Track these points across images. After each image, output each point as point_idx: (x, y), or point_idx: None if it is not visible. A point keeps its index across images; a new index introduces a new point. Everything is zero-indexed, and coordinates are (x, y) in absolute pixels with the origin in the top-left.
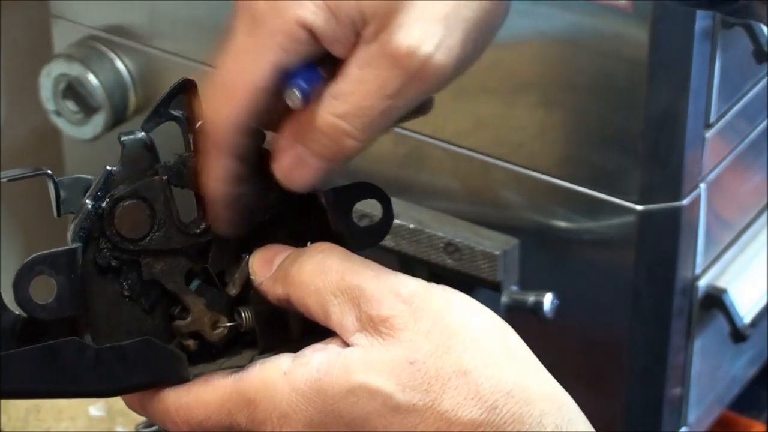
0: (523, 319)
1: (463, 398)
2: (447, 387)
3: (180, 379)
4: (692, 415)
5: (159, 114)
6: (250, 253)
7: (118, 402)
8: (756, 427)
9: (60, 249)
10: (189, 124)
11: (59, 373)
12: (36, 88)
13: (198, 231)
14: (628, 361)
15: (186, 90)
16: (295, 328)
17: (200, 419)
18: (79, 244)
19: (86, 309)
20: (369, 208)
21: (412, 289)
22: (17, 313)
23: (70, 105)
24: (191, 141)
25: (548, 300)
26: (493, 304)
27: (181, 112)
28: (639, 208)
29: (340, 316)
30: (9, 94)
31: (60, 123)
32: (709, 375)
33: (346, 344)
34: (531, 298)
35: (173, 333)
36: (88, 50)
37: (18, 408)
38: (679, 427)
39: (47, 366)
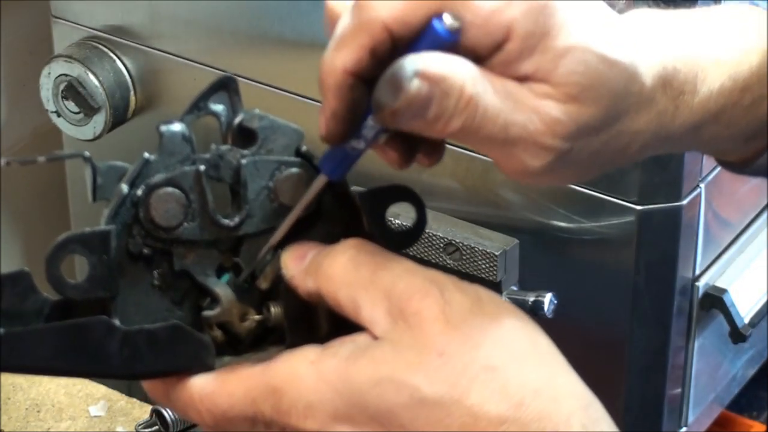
0: None
1: (490, 393)
2: (474, 382)
3: (205, 367)
4: (692, 415)
5: (198, 108)
6: (282, 249)
7: (118, 402)
8: (756, 427)
9: (94, 229)
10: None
11: (86, 352)
12: (36, 88)
13: (231, 224)
14: (627, 361)
15: (226, 86)
16: (323, 326)
17: (224, 408)
18: (113, 226)
19: (117, 294)
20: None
21: (444, 284)
22: (45, 295)
23: (71, 105)
24: (228, 136)
25: (548, 300)
26: None
27: (220, 107)
28: (639, 208)
29: (371, 310)
30: (9, 94)
31: (60, 123)
32: (708, 375)
33: (375, 338)
34: (531, 298)
35: (201, 326)
36: (88, 50)
37: (18, 408)
38: (679, 427)
39: (75, 344)
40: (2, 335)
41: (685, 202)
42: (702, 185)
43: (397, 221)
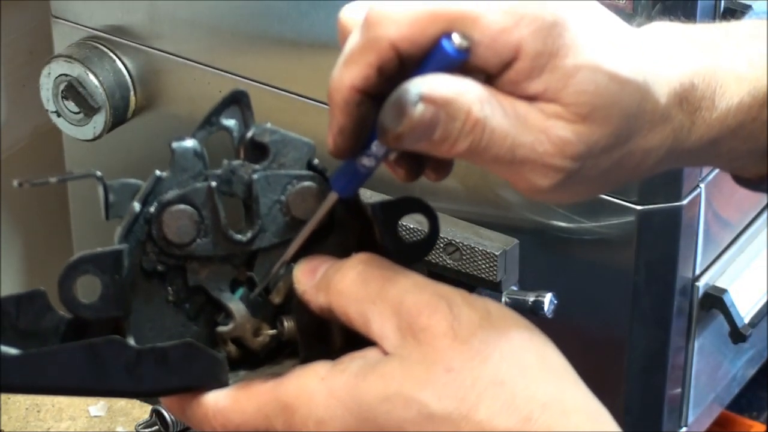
0: None
1: (499, 408)
2: (483, 396)
3: (219, 383)
4: (692, 415)
5: (210, 123)
6: (295, 263)
7: (118, 402)
8: (756, 427)
9: (106, 249)
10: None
11: (99, 372)
12: (36, 88)
13: (244, 239)
14: (628, 361)
15: (238, 101)
16: (336, 340)
17: (237, 423)
18: (126, 245)
19: (130, 312)
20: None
21: (452, 299)
22: (61, 313)
23: (71, 105)
24: (241, 150)
25: (548, 300)
26: None
27: (232, 122)
28: (639, 208)
29: (380, 325)
30: (9, 94)
31: (60, 123)
32: (708, 375)
33: (385, 353)
34: (531, 298)
35: (216, 341)
36: (88, 50)
37: (18, 407)
38: (679, 427)
39: (87, 364)
40: (16, 357)
41: (685, 202)
42: (702, 185)
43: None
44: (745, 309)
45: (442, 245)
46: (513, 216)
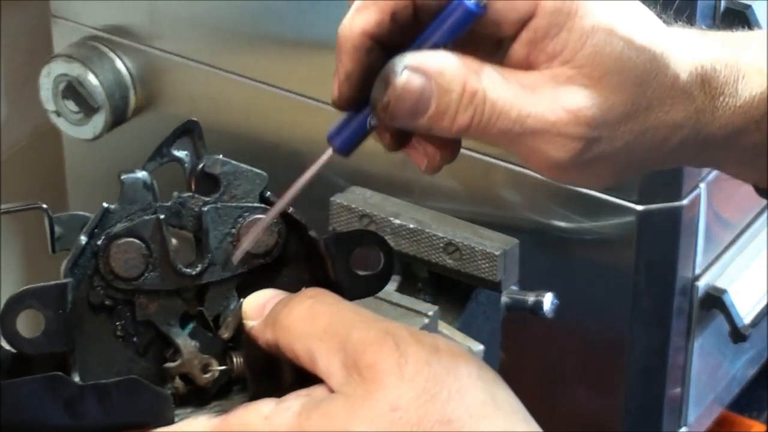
0: (523, 319)
1: None
2: None
3: (164, 420)
4: (692, 415)
5: (161, 154)
6: (244, 297)
7: None
8: (756, 427)
9: (49, 283)
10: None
11: (39, 409)
12: (36, 88)
13: (193, 273)
14: (628, 361)
15: (190, 131)
16: (286, 376)
17: None
18: (70, 279)
19: (75, 347)
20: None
21: (400, 336)
22: (7, 348)
23: (70, 105)
24: (192, 182)
25: (548, 300)
26: (493, 304)
27: (183, 153)
28: (639, 208)
29: (326, 362)
30: (9, 94)
31: (60, 123)
32: (708, 375)
33: (332, 391)
34: (531, 298)
35: (165, 377)
36: (88, 50)
37: None
38: (679, 427)
39: (28, 401)
40: None
41: (685, 202)
42: (702, 185)
43: (397, 221)
44: (745, 309)
45: (442, 245)
46: (513, 216)
